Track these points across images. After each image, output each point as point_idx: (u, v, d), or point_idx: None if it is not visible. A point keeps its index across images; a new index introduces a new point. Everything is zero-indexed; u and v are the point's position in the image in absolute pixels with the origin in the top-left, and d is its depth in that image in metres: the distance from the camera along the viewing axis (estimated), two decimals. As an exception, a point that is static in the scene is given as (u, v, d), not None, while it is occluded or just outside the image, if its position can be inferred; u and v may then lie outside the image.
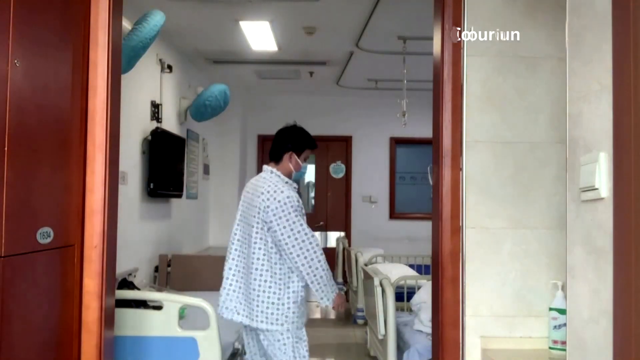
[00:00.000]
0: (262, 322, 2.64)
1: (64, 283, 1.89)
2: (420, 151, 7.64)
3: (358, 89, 7.04)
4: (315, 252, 2.63)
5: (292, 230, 2.62)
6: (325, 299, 2.70)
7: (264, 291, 2.65)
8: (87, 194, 1.99)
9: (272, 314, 2.64)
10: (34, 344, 1.74)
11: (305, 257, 2.61)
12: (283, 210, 2.63)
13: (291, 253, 2.61)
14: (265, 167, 2.85)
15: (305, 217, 2.71)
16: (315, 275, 2.64)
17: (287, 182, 2.77)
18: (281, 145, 2.84)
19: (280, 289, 2.65)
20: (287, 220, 2.62)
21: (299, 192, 2.83)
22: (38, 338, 1.76)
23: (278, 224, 2.62)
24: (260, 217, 2.67)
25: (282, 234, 2.62)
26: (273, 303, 2.64)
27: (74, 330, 1.93)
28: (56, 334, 1.86)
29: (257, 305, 2.65)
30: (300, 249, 2.61)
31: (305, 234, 2.63)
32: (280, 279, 2.66)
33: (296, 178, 2.91)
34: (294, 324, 2.67)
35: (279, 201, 2.64)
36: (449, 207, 2.17)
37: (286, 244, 2.61)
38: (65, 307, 1.89)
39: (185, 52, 5.57)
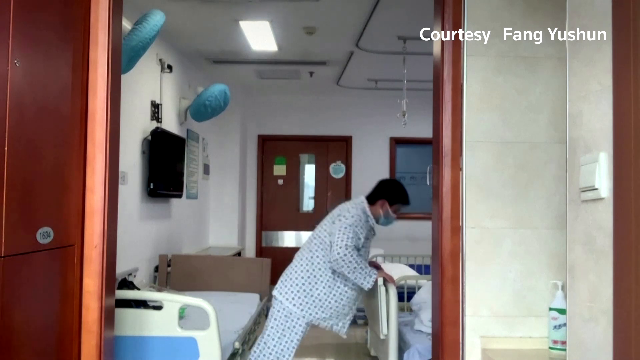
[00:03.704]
0: (277, 289, 3.20)
1: (64, 283, 1.89)
2: (420, 151, 7.63)
3: (358, 89, 7.03)
4: (343, 253, 3.06)
5: (338, 237, 3.10)
6: (365, 282, 3.14)
7: (297, 274, 3.18)
8: (87, 194, 1.99)
9: (290, 290, 3.15)
10: (34, 343, 1.74)
11: (340, 257, 3.07)
12: (342, 222, 3.14)
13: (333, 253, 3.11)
14: (362, 197, 3.35)
15: (361, 239, 3.17)
16: (344, 269, 3.09)
17: (365, 214, 3.23)
18: (379, 193, 3.38)
19: (308, 278, 3.15)
20: (340, 229, 3.11)
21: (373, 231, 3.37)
22: (38, 338, 1.76)
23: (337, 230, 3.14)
24: (329, 220, 3.23)
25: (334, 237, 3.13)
26: (297, 284, 3.15)
27: (74, 330, 1.93)
28: (56, 334, 1.85)
29: (286, 279, 3.19)
30: (338, 253, 3.08)
31: (343, 242, 3.07)
32: (312, 274, 3.16)
33: (382, 224, 3.41)
34: (302, 311, 3.11)
35: (345, 216, 3.18)
36: (449, 207, 2.17)
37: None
38: (65, 307, 1.89)
39: (185, 52, 5.57)
